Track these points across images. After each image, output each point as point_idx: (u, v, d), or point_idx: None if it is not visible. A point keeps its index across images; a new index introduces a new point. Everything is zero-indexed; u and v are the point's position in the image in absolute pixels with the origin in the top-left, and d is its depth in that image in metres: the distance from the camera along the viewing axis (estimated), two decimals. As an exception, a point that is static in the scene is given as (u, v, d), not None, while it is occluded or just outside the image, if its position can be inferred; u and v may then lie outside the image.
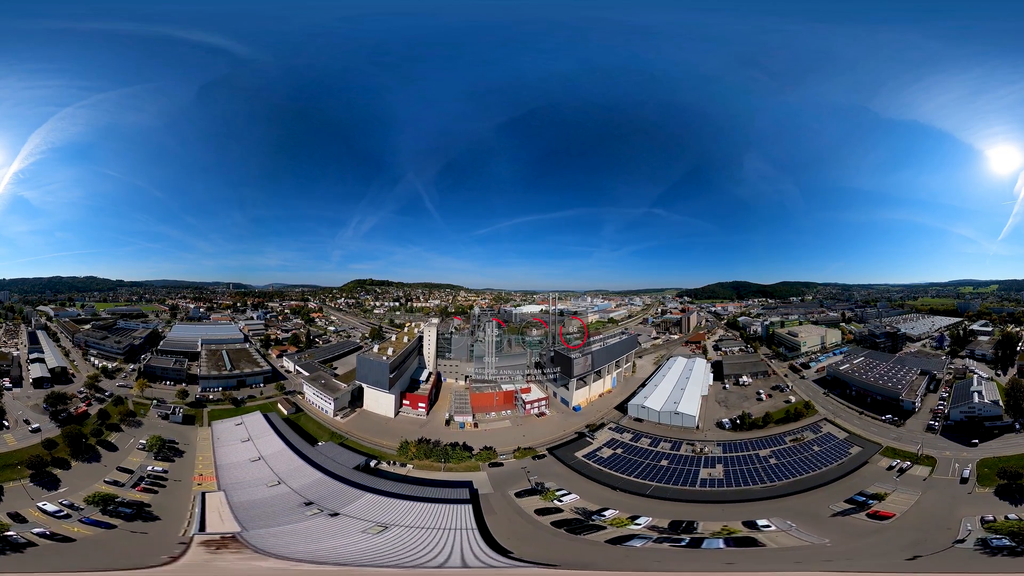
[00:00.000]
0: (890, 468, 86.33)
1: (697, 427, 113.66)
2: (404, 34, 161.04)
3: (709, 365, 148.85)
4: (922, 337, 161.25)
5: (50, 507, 72.79)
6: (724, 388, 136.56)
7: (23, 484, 78.54)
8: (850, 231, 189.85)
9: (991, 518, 65.50)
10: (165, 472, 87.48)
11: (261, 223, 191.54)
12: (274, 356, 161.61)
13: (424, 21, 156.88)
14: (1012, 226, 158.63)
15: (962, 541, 61.33)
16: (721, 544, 65.42)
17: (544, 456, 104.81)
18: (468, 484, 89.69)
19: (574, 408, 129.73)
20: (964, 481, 79.38)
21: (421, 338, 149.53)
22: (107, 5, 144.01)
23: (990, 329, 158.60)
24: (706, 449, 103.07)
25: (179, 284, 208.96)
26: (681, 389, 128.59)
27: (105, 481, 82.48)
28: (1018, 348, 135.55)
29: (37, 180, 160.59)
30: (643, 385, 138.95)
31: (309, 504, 74.69)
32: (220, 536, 62.89)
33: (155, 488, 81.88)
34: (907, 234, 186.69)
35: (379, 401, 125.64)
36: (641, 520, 74.63)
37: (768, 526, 69.62)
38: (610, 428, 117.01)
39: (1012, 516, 65.64)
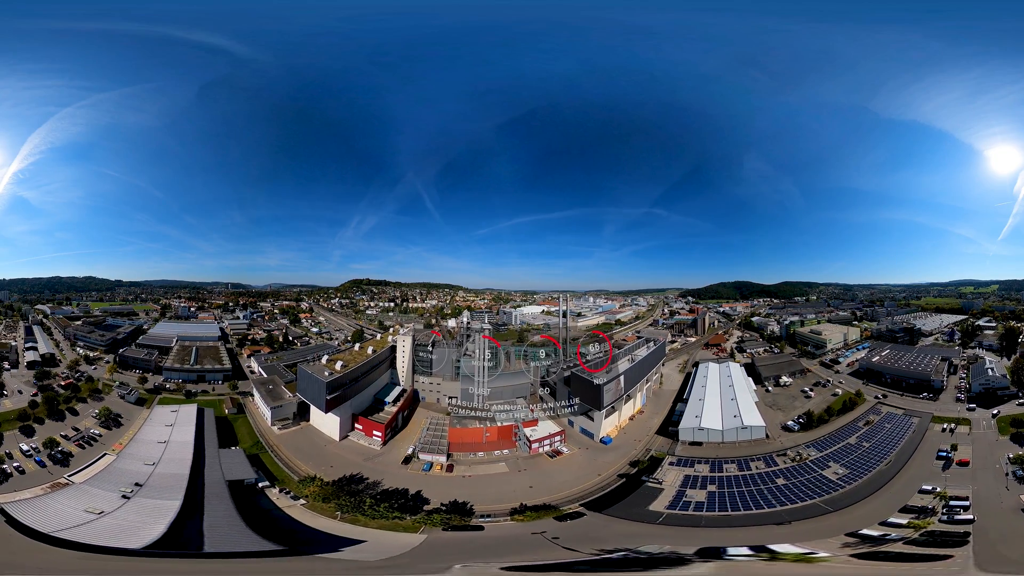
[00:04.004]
0: (943, 430, 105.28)
1: (767, 436, 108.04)
2: (404, 34, 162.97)
3: (743, 369, 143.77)
4: (933, 332, 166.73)
5: (25, 447, 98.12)
6: (768, 391, 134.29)
7: (15, 432, 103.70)
8: (850, 231, 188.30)
9: (1011, 456, 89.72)
10: (100, 436, 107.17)
11: (261, 223, 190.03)
12: (245, 356, 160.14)
13: (424, 21, 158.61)
14: (1012, 226, 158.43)
15: (1007, 475, 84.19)
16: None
17: (580, 515, 76.79)
18: (350, 543, 67.72)
19: (602, 440, 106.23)
20: (994, 416, 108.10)
21: (394, 348, 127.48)
22: (107, 5, 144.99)
23: (994, 324, 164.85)
24: (802, 454, 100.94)
25: (178, 284, 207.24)
26: (732, 399, 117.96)
27: (60, 435, 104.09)
28: (1019, 340, 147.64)
29: (37, 180, 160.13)
30: (684, 401, 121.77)
31: (138, 485, 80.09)
32: (65, 481, 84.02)
33: (85, 445, 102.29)
34: (907, 234, 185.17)
35: (324, 420, 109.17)
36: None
37: (936, 488, 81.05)
38: (671, 464, 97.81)
39: (1020, 452, 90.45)
